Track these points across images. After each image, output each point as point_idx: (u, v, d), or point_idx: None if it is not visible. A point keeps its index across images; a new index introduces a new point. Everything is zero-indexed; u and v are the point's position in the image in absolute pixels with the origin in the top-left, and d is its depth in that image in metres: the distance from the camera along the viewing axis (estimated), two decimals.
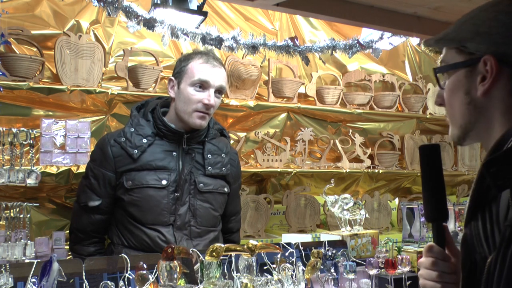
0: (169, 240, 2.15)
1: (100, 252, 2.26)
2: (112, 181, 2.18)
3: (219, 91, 2.23)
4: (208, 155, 2.25)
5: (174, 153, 2.20)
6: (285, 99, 3.73)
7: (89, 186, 2.21)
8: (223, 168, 2.30)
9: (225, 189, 2.32)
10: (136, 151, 2.15)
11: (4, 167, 1.70)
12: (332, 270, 1.99)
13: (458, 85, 1.14)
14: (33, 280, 1.57)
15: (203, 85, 2.18)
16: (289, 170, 3.61)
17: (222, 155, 2.31)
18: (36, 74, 2.85)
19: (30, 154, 1.77)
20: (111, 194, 2.20)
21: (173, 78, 2.24)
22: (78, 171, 2.77)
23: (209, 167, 2.24)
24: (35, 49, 2.93)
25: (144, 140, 2.17)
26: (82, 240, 2.24)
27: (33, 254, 1.69)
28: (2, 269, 1.53)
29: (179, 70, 2.23)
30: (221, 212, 2.34)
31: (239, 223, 2.57)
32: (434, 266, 1.18)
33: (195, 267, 1.78)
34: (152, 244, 2.14)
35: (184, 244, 2.17)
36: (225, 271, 1.78)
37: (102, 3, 2.54)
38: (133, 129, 2.19)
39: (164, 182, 2.15)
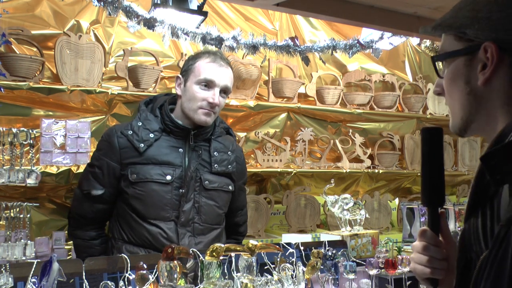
0: (171, 237, 2.16)
1: (102, 236, 2.27)
2: (116, 172, 2.18)
3: (224, 91, 2.25)
4: (215, 153, 2.27)
5: (181, 149, 2.21)
6: (285, 99, 3.73)
7: (93, 174, 2.21)
8: (229, 166, 2.31)
9: (230, 187, 2.33)
10: (142, 145, 2.16)
11: (4, 167, 1.70)
12: (332, 270, 1.99)
13: (457, 74, 1.08)
14: (33, 280, 1.57)
15: (208, 84, 2.20)
16: (289, 170, 3.61)
17: (228, 152, 2.32)
18: (36, 74, 2.85)
19: (30, 154, 1.77)
20: (115, 185, 2.20)
21: (180, 76, 2.27)
22: (78, 171, 2.77)
23: (215, 165, 2.26)
24: (35, 49, 2.93)
25: (151, 135, 2.18)
26: (83, 225, 2.24)
27: (33, 254, 1.69)
28: (2, 269, 1.53)
29: (186, 68, 2.26)
30: (225, 210, 2.35)
31: (246, 215, 2.57)
32: (425, 251, 1.17)
33: (188, 265, 1.77)
34: (153, 240, 2.15)
35: (186, 241, 2.17)
36: (225, 271, 1.78)
37: (102, 3, 2.54)
38: (140, 123, 2.20)
39: (168, 177, 2.16)
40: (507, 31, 1.00)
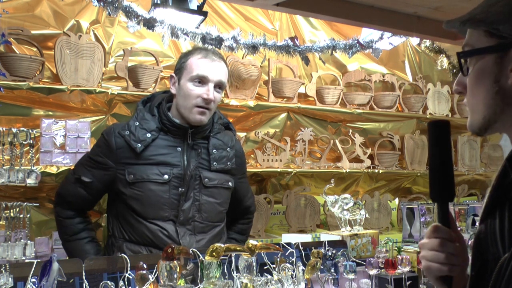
0: (171, 234, 2.16)
1: (80, 216, 2.27)
2: (110, 170, 2.19)
3: (219, 86, 2.23)
4: (213, 150, 2.26)
5: (179, 148, 2.20)
6: (285, 99, 3.73)
7: (88, 164, 2.23)
8: (228, 163, 2.30)
9: (230, 184, 2.33)
10: (140, 145, 2.15)
11: (4, 167, 1.70)
12: (332, 270, 1.99)
13: (485, 72, 1.02)
14: (33, 280, 1.57)
15: (202, 80, 2.19)
16: (289, 170, 3.61)
17: (227, 149, 2.31)
18: (36, 74, 2.85)
19: (30, 154, 1.77)
20: (105, 181, 2.20)
21: (174, 74, 2.26)
22: None
23: (214, 163, 2.25)
24: (35, 49, 2.93)
25: (148, 135, 2.17)
26: (63, 203, 2.27)
27: (33, 254, 1.69)
28: (2, 269, 1.53)
29: (179, 66, 2.25)
30: (226, 207, 2.35)
31: (253, 197, 2.61)
32: (442, 247, 1.08)
33: (188, 267, 1.78)
34: (154, 238, 2.15)
35: (187, 239, 2.18)
36: (225, 271, 1.78)
37: (102, 3, 2.54)
38: (137, 123, 2.20)
39: (166, 176, 2.15)
40: None
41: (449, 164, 1.11)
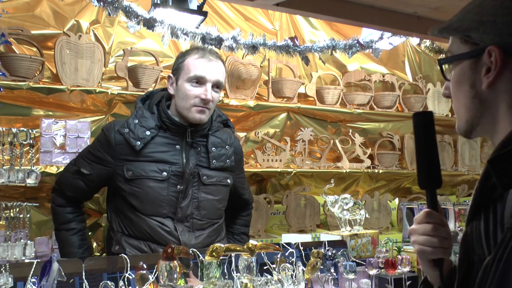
0: (171, 230, 2.17)
1: (73, 207, 2.28)
2: (108, 165, 2.19)
3: (217, 85, 2.23)
4: (212, 148, 2.26)
5: (178, 146, 2.21)
6: (285, 99, 3.73)
7: (88, 157, 2.24)
8: (227, 161, 2.31)
9: (228, 181, 2.34)
10: (139, 142, 2.16)
11: (4, 167, 1.70)
12: (332, 270, 1.99)
13: (463, 77, 1.08)
14: (33, 280, 1.57)
15: (199, 81, 2.19)
16: (289, 170, 3.61)
17: (226, 147, 2.32)
18: (36, 74, 2.85)
19: (30, 154, 1.77)
20: (103, 175, 2.21)
21: (171, 75, 2.26)
22: None
23: (213, 161, 2.26)
24: (35, 49, 2.93)
25: (148, 132, 2.18)
26: (59, 191, 2.28)
27: (33, 254, 1.68)
28: (2, 269, 1.53)
29: (176, 67, 2.25)
30: (225, 204, 2.36)
31: (251, 192, 2.61)
32: (435, 232, 1.13)
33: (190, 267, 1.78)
34: (153, 233, 2.16)
35: (186, 235, 2.19)
36: (225, 271, 1.78)
37: (102, 3, 2.54)
38: (137, 121, 2.20)
39: (164, 174, 2.16)
40: (511, 35, 0.99)
41: (435, 153, 1.16)
